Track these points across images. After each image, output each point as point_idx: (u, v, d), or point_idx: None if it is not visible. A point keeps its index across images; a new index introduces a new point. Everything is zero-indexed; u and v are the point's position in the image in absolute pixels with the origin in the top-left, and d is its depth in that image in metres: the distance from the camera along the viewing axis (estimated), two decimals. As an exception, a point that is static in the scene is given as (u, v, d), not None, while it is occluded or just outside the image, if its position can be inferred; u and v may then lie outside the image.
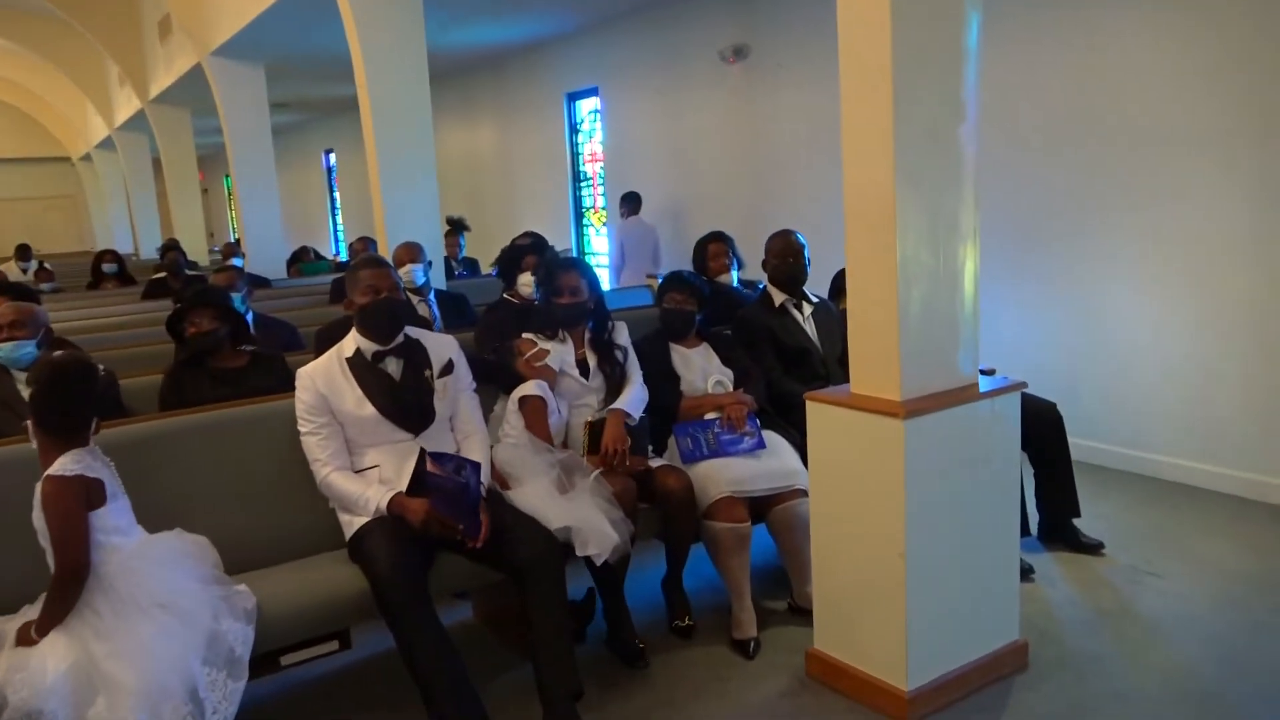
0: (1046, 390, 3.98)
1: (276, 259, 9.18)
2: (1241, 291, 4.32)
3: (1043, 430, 3.73)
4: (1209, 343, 4.47)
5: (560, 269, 3.39)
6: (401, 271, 4.73)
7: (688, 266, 4.39)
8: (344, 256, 12.88)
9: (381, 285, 2.86)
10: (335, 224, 17.82)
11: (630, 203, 9.05)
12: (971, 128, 2.63)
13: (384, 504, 2.73)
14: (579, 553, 2.80)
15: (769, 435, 3.45)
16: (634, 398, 3.34)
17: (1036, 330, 5.16)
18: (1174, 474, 4.61)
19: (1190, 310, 4.53)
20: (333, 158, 17.36)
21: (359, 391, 2.83)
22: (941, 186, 2.60)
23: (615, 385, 3.36)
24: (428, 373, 2.93)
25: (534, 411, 3.17)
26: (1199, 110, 4.38)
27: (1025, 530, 3.66)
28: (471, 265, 8.05)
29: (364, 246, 7.11)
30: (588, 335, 3.43)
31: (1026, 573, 3.53)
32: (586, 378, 3.35)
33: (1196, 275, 4.48)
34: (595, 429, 3.23)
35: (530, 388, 3.23)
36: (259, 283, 7.27)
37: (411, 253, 4.88)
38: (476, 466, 2.77)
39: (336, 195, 17.56)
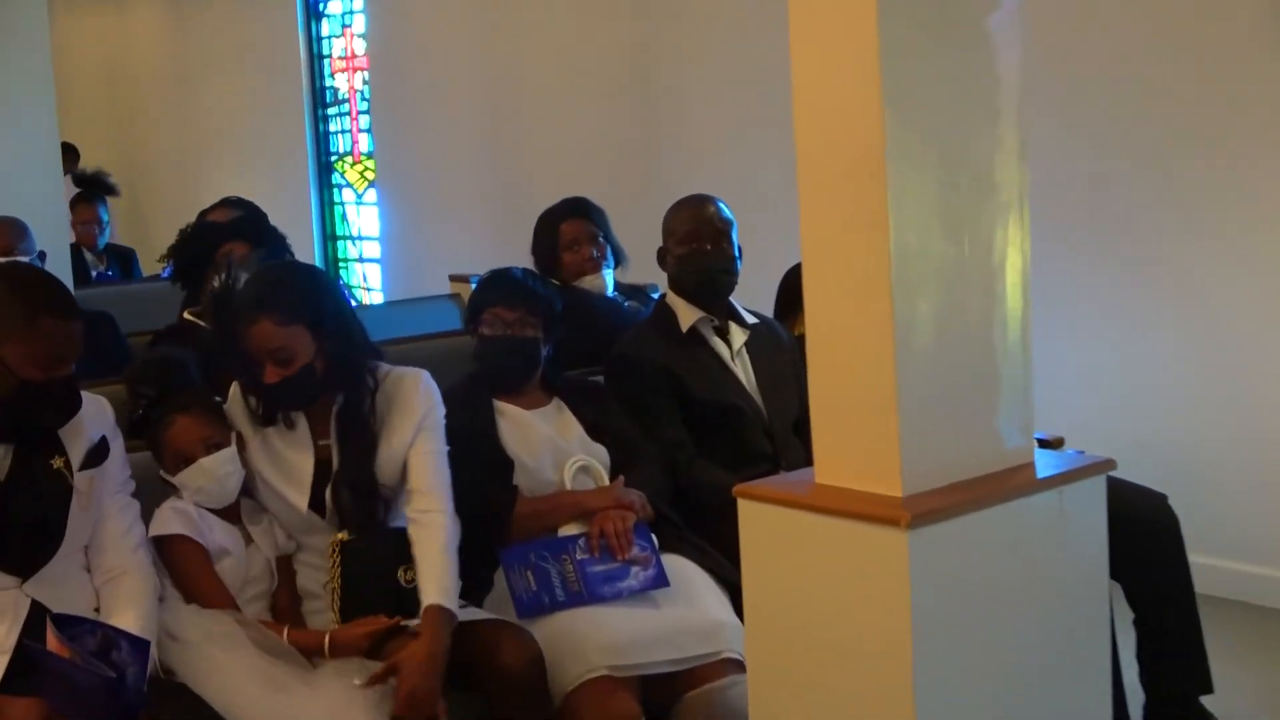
0: (1149, 473, 4.13)
1: None
2: None
3: (1145, 542, 3.86)
4: None
5: (244, 313, 3.25)
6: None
7: (522, 260, 4.40)
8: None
9: (70, 354, 2.87)
10: None
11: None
12: (1008, 19, 2.74)
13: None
14: None
15: (673, 563, 3.48)
16: (446, 567, 3.22)
17: (1130, 373, 5.37)
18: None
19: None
20: None
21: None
22: (963, 120, 2.68)
23: (368, 512, 3.30)
24: (57, 463, 2.90)
25: (183, 562, 3.13)
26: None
27: (1121, 715, 3.77)
28: (122, 259, 7.88)
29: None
30: (335, 414, 3.37)
31: (1125, 791, 3.64)
32: (319, 509, 3.29)
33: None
34: (354, 562, 3.21)
35: (168, 519, 3.17)
36: None
37: (8, 238, 4.84)
38: (140, 646, 2.74)
39: None
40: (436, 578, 3.18)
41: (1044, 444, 2.97)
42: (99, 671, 2.63)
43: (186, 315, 4.41)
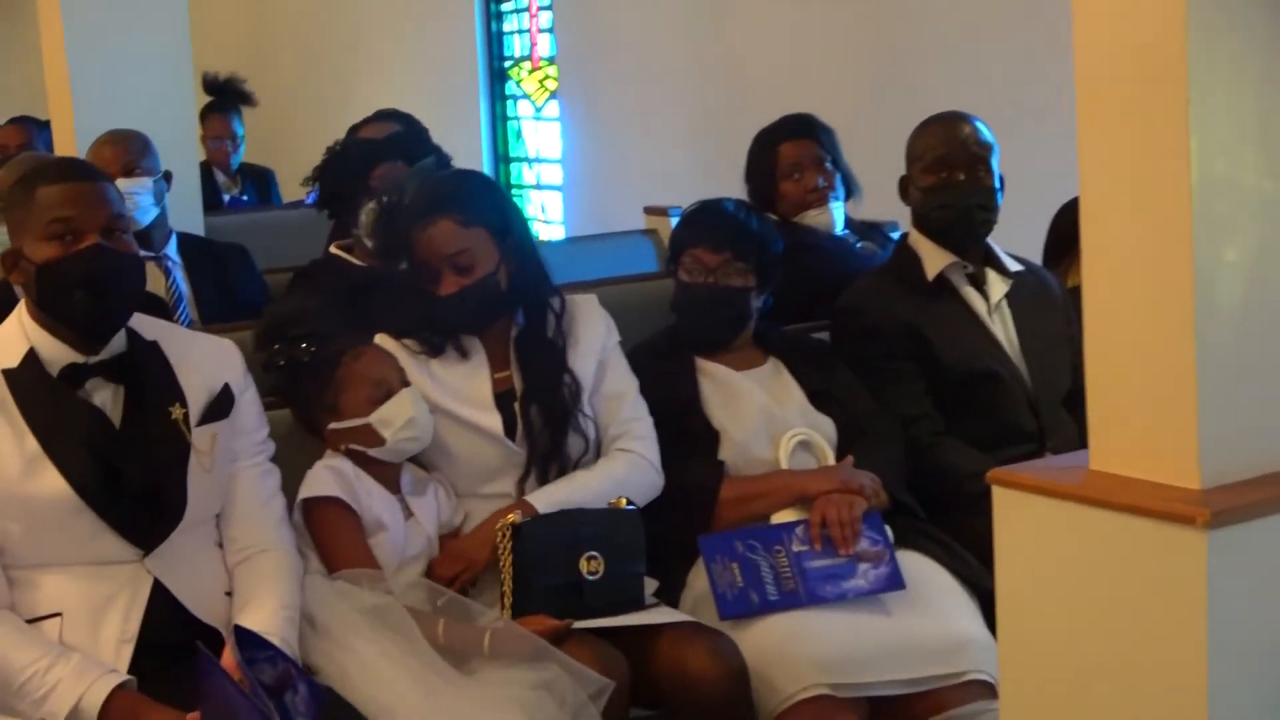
0: None
1: None
2: None
3: None
4: None
5: (420, 214, 3.42)
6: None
7: (733, 191, 4.42)
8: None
9: (87, 220, 2.91)
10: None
11: None
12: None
13: (93, 705, 2.75)
14: None
15: (910, 562, 3.49)
16: (595, 479, 3.40)
17: None
18: None
19: None
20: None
21: (32, 443, 2.88)
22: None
23: (556, 441, 3.42)
24: (176, 411, 2.99)
25: (334, 529, 3.23)
26: None
27: None
28: (260, 181, 8.07)
29: (23, 138, 7.12)
30: (514, 338, 3.50)
31: None
32: (512, 435, 3.41)
33: None
34: (529, 547, 3.26)
35: (322, 479, 3.29)
36: None
37: (128, 154, 4.91)
38: (317, 696, 2.75)
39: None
40: (573, 487, 3.39)
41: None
42: (265, 712, 2.63)
43: (334, 249, 4.49)
